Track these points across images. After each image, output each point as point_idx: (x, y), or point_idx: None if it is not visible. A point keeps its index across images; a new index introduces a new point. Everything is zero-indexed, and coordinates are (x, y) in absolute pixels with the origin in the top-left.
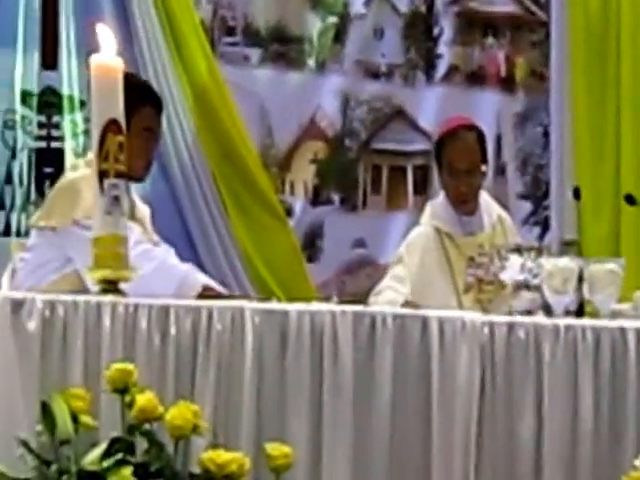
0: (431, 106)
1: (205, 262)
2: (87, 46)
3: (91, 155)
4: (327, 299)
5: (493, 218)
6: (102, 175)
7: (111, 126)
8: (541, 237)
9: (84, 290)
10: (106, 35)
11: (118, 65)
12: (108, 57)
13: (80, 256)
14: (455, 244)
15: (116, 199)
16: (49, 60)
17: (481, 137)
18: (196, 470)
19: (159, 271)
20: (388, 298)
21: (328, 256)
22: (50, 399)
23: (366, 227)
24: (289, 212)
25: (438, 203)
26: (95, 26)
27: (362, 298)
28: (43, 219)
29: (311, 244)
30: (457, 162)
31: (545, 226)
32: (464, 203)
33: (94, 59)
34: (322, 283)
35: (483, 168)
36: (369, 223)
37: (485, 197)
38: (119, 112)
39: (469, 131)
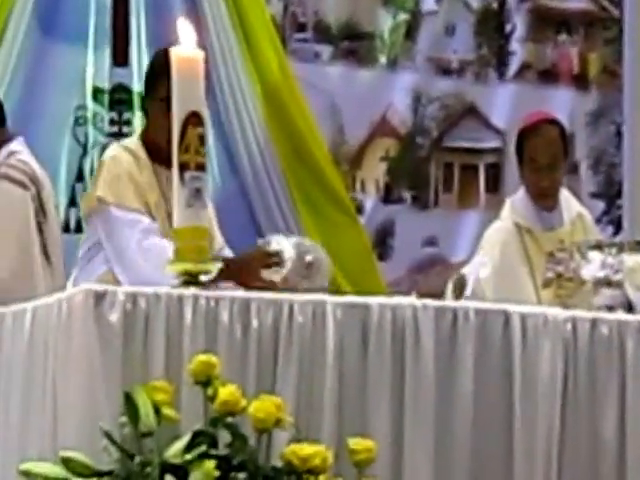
0: (503, 103)
1: None
2: (157, 42)
3: (129, 140)
4: (406, 295)
5: (572, 214)
6: (182, 167)
7: (192, 118)
8: (614, 236)
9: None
10: (186, 29)
11: (199, 57)
12: (189, 49)
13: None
14: (534, 239)
15: (197, 191)
16: (120, 57)
17: (563, 132)
18: (278, 464)
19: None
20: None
21: (399, 254)
22: (133, 391)
23: (437, 225)
24: (360, 210)
25: (518, 198)
26: (166, 22)
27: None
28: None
29: (382, 242)
30: (539, 157)
31: (618, 225)
32: (545, 198)
33: (175, 51)
34: (393, 281)
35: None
36: (440, 221)
37: (565, 193)
38: (200, 104)
39: (551, 125)
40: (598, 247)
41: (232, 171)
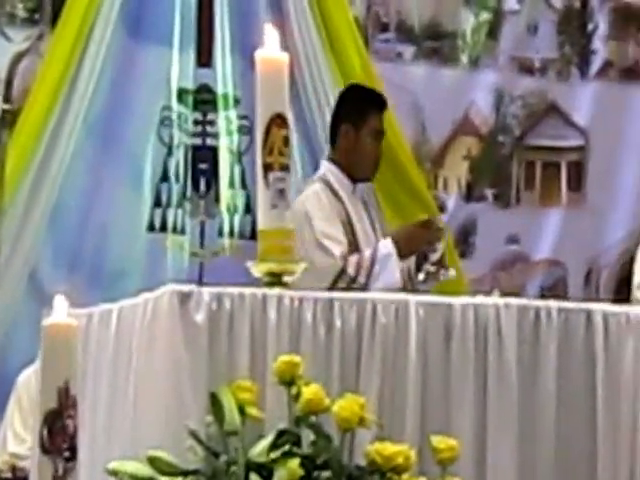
0: (585, 102)
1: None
2: (241, 44)
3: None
4: (488, 293)
5: None
6: (266, 168)
7: (276, 120)
8: None
9: None
10: (271, 33)
11: (284, 60)
12: (274, 52)
13: None
14: None
15: (281, 192)
16: (204, 58)
17: None
18: (362, 463)
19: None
20: None
21: (481, 252)
22: (218, 390)
23: (519, 223)
24: (442, 208)
25: None
26: (250, 24)
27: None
28: None
29: (464, 240)
30: None
31: None
32: None
33: (260, 54)
34: (475, 279)
35: None
36: (522, 219)
37: None
38: (284, 106)
39: None
40: None
41: (315, 170)
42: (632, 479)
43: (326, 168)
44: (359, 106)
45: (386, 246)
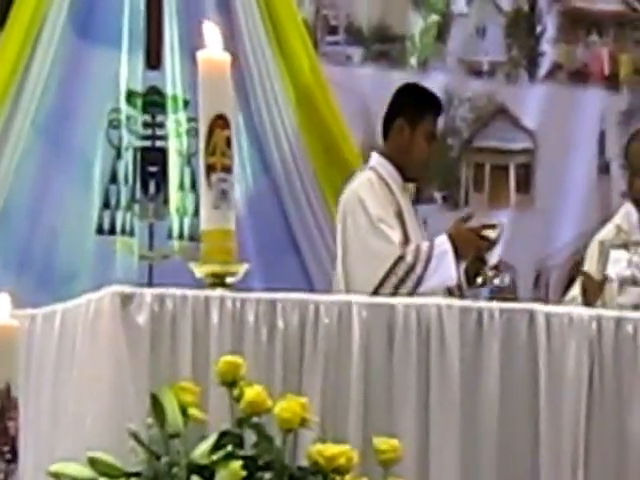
0: (534, 104)
1: (306, 257)
2: (191, 45)
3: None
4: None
5: None
6: (209, 169)
7: (218, 121)
8: None
9: None
10: (212, 32)
11: (226, 60)
12: (216, 52)
13: None
14: None
15: (224, 193)
16: (153, 60)
17: None
18: (304, 463)
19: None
20: None
21: None
22: (160, 392)
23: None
24: None
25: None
26: (199, 25)
27: None
28: None
29: None
30: (636, 160)
31: None
32: None
33: (202, 54)
34: None
35: None
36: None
37: None
38: (227, 107)
39: None
40: (624, 246)
41: (264, 172)
42: (574, 475)
43: (377, 161)
44: (418, 105)
45: (443, 242)
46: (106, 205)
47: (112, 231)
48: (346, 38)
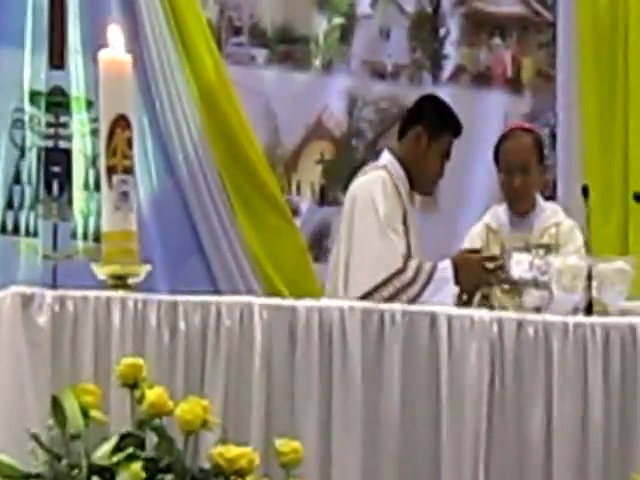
0: None
1: (211, 258)
2: (94, 46)
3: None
4: None
5: (547, 224)
6: (110, 171)
7: (119, 121)
8: None
9: None
10: (115, 33)
11: (127, 61)
12: (117, 53)
13: None
14: (498, 239)
15: (125, 195)
16: (57, 60)
17: (537, 141)
18: (206, 465)
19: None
20: None
21: None
22: (61, 393)
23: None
24: (295, 212)
25: (500, 206)
26: (102, 26)
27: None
28: None
29: (318, 244)
30: (510, 158)
31: None
32: (517, 201)
33: (103, 54)
34: None
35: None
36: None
37: (546, 204)
38: (127, 107)
39: (524, 132)
40: (526, 249)
41: (169, 173)
42: (475, 477)
43: (389, 160)
44: (441, 120)
45: (445, 269)
46: (9, 205)
47: (16, 231)
48: (250, 39)
